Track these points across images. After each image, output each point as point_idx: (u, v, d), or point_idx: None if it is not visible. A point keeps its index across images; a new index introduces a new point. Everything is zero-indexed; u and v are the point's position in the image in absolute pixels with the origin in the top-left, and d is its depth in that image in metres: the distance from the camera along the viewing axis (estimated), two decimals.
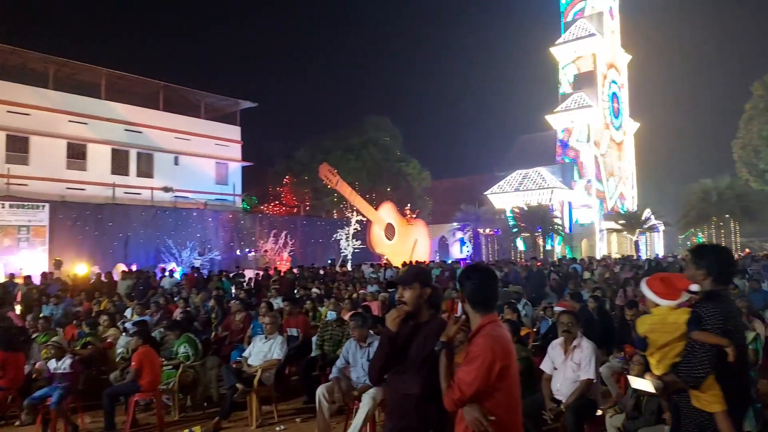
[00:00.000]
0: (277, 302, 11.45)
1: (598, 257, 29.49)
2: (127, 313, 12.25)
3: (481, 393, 2.76)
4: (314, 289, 14.66)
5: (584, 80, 39.48)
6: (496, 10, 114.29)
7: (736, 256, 28.13)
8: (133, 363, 7.33)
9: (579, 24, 40.08)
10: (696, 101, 79.99)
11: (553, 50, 40.78)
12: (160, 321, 11.05)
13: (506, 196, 39.06)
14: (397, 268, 21.96)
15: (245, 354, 7.95)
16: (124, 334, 9.52)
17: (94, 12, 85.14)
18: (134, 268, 23.37)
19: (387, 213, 31.93)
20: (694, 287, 3.52)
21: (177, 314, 11.15)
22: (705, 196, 34.94)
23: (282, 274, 20.22)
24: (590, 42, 39.07)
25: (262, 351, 7.73)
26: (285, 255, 29.80)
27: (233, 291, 16.69)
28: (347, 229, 32.32)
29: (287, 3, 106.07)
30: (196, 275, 19.45)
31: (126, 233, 25.87)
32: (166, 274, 19.51)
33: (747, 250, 33.41)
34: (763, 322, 8.45)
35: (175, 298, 14.34)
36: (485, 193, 40.15)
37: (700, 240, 39.88)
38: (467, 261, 31.10)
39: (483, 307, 2.94)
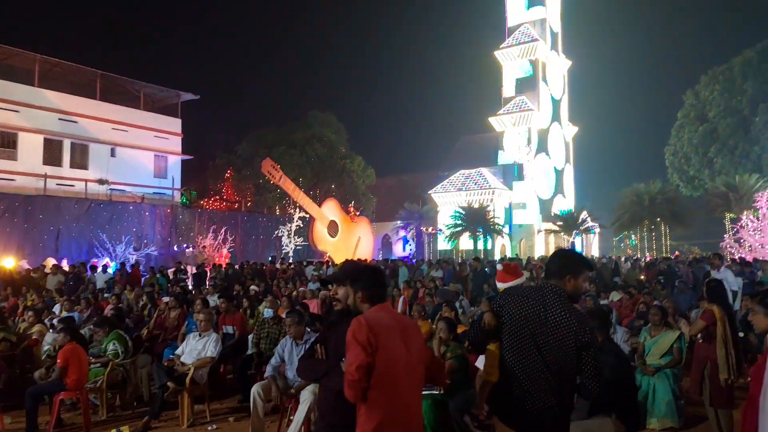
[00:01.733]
0: (214, 299, 11.22)
1: (536, 257, 30.18)
2: (56, 309, 11.81)
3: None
4: (252, 287, 14.45)
5: (526, 84, 40.33)
6: (442, 11, 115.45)
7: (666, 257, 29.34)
8: (58, 361, 7.04)
9: (522, 29, 40.91)
10: (632, 108, 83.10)
11: (496, 53, 41.50)
12: (89, 318, 10.71)
13: (449, 195, 39.54)
14: (337, 265, 21.92)
15: (178, 352, 7.76)
16: (51, 330, 9.17)
17: None
18: (65, 262, 22.59)
19: (330, 210, 31.81)
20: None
21: (108, 311, 10.81)
22: (638, 199, 36.15)
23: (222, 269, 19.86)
24: (532, 47, 39.93)
25: (195, 349, 7.56)
26: (224, 251, 29.27)
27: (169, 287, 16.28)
28: (289, 225, 32.02)
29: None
30: (130, 271, 18.89)
31: (57, 226, 24.92)
32: (99, 269, 18.86)
33: (677, 252, 34.82)
34: (689, 322, 8.81)
35: (107, 295, 13.91)
36: (429, 191, 40.54)
37: (633, 242, 41.38)
38: (410, 259, 31.31)
39: (371, 302, 3.17)
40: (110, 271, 19.88)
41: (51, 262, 21.67)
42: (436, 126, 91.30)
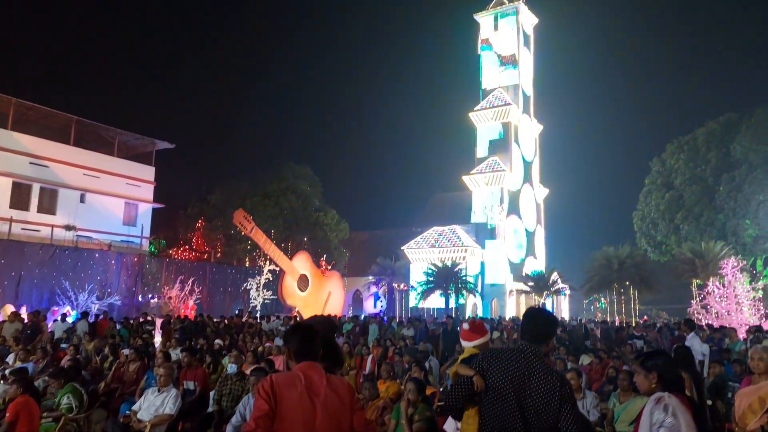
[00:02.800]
0: (176, 353, 10.86)
1: (508, 317, 30.12)
2: (9, 358, 11.31)
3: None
4: (217, 340, 14.06)
5: (499, 146, 41.20)
6: (420, 71, 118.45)
7: (634, 322, 29.55)
8: (8, 414, 6.66)
9: (496, 93, 42.10)
10: (601, 173, 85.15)
11: (471, 115, 42.49)
12: (45, 369, 10.27)
13: (422, 252, 39.58)
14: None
15: (135, 407, 7.44)
16: (2, 381, 8.75)
17: (12, 41, 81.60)
18: (24, 310, 21.86)
19: (301, 263, 31.49)
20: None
21: (65, 362, 10.38)
22: (607, 263, 36.53)
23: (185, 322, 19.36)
24: (505, 110, 41.02)
25: (153, 405, 7.25)
26: (190, 303, 28.64)
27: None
28: (258, 278, 31.56)
29: (211, 47, 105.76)
30: (98, 319, 18.30)
31: (19, 272, 24.24)
32: (58, 318, 18.25)
33: (645, 317, 35.09)
34: None
35: (64, 345, 13.42)
36: (402, 247, 40.54)
37: (603, 306, 41.62)
38: (381, 316, 30.96)
39: (299, 359, 3.30)
40: (69, 320, 19.25)
41: (9, 308, 20.95)
42: (411, 182, 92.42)
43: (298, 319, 22.92)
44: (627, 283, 36.22)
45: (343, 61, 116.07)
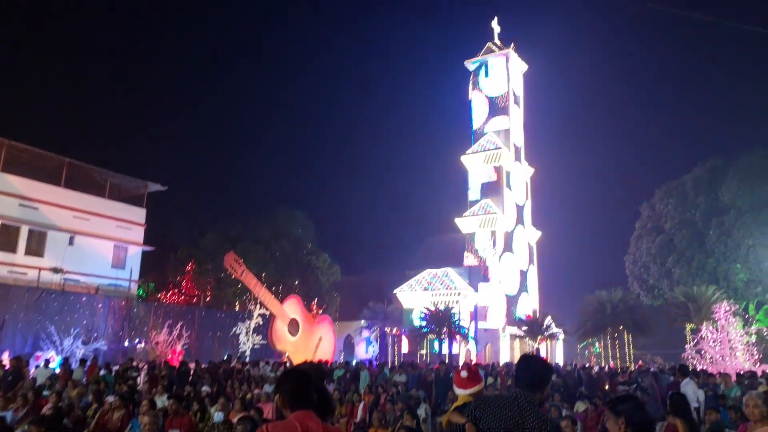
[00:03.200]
0: (163, 400, 10.55)
1: (502, 362, 29.73)
2: None
3: None
4: (204, 387, 13.72)
5: (491, 189, 41.46)
6: (412, 113, 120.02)
7: (631, 367, 29.24)
8: None
9: (487, 137, 42.59)
10: (593, 216, 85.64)
11: (463, 159, 42.87)
12: (25, 417, 9.93)
13: (415, 295, 39.28)
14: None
15: None
16: None
17: (5, 82, 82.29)
18: (7, 355, 21.38)
19: (292, 307, 31.09)
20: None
21: (46, 410, 10.05)
22: (600, 307, 36.38)
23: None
24: (496, 154, 41.41)
25: None
26: (178, 348, 28.09)
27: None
28: (248, 322, 31.09)
29: (205, 90, 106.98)
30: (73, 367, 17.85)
31: (3, 316, 23.76)
32: (41, 363, 17.81)
33: (640, 362, 34.74)
34: None
35: (46, 392, 13.03)
36: (394, 291, 40.24)
37: (597, 350, 41.26)
38: (373, 362, 30.48)
39: (293, 407, 3.19)
40: (53, 366, 18.79)
41: None
42: (404, 225, 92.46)
43: (288, 364, 22.49)
44: (621, 327, 36.00)
45: (336, 106, 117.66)
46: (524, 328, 36.72)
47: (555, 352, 41.17)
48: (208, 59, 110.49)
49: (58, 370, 17.99)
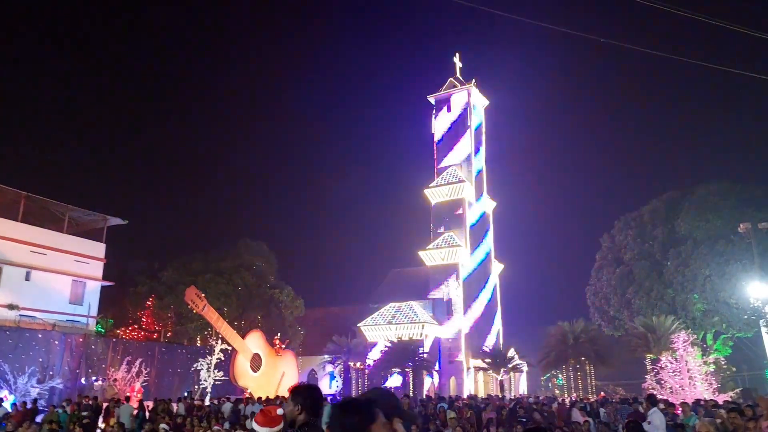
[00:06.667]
0: None
1: (465, 395, 29.70)
2: None
3: None
4: (162, 425, 13.44)
5: (454, 221, 41.88)
6: (375, 148, 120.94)
7: (591, 398, 29.48)
8: None
9: (450, 171, 43.18)
10: (554, 249, 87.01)
11: (426, 192, 43.29)
12: None
13: (379, 329, 39.13)
14: (260, 398, 20.82)
15: None
16: None
17: None
18: None
19: (254, 342, 30.71)
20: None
21: None
22: (562, 338, 36.66)
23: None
24: (459, 187, 41.97)
25: None
26: (137, 386, 27.37)
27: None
28: (209, 358, 30.53)
29: (165, 124, 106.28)
30: (29, 407, 17.35)
31: None
32: None
33: (602, 393, 35.00)
34: None
35: None
36: (358, 324, 40.03)
37: (560, 381, 41.52)
38: (336, 397, 30.16)
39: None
40: (6, 405, 18.19)
41: None
42: (367, 258, 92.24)
43: (250, 401, 22.10)
44: (583, 358, 36.29)
45: (299, 138, 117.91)
46: (488, 360, 36.78)
47: (519, 384, 41.28)
48: (168, 90, 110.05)
49: (10, 410, 17.44)
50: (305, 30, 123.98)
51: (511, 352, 37.61)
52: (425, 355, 35.62)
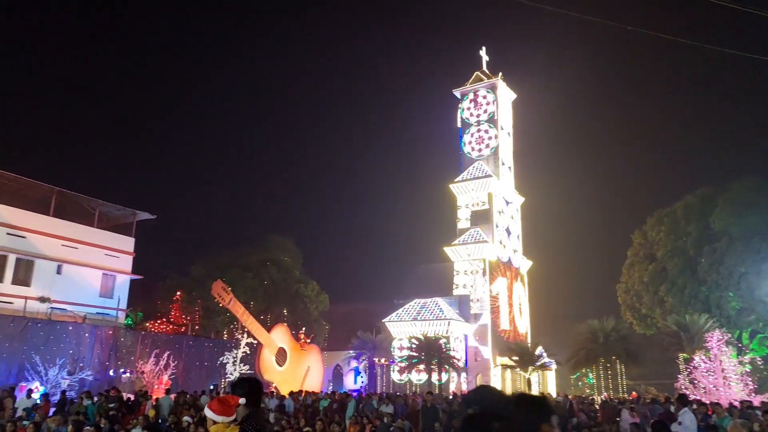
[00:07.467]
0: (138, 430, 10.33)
1: None
2: None
3: None
4: (185, 418, 13.46)
5: (480, 217, 41.35)
6: (401, 143, 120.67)
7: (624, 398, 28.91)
8: None
9: (476, 165, 42.63)
10: (584, 245, 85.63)
11: (452, 187, 42.81)
12: None
13: (404, 325, 38.93)
14: (283, 396, 20.83)
15: None
16: None
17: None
18: None
19: (280, 336, 30.79)
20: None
21: None
22: (592, 337, 36.08)
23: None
24: (486, 182, 41.41)
25: None
26: (165, 378, 27.67)
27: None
28: (236, 351, 30.71)
29: (194, 119, 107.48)
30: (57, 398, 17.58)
31: None
32: (23, 394, 17.52)
33: (634, 393, 34.33)
34: None
35: (25, 422, 12.78)
36: (383, 320, 39.90)
37: (591, 380, 40.87)
38: (361, 392, 30.09)
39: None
40: (36, 396, 18.47)
41: None
42: (393, 254, 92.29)
43: (275, 394, 22.12)
44: (613, 357, 35.66)
45: (324, 134, 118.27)
46: (515, 358, 36.34)
47: (547, 383, 40.74)
48: (197, 84, 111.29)
49: (39, 401, 17.69)
50: (330, 24, 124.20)
51: (539, 350, 37.10)
52: (451, 352, 35.31)
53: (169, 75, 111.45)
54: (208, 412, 4.58)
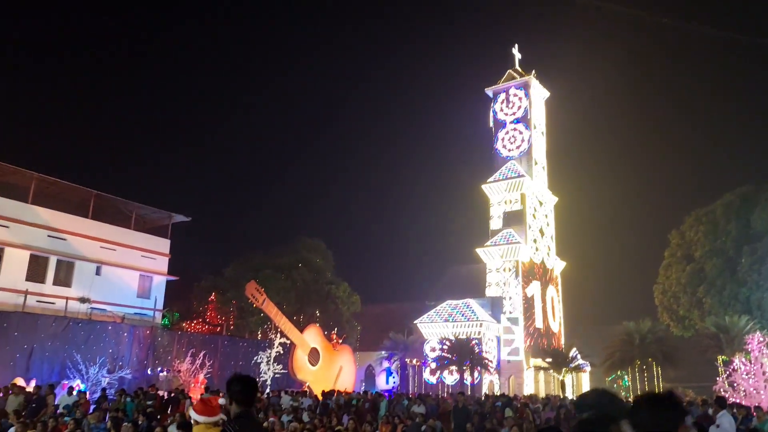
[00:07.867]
0: (173, 428, 10.56)
1: (525, 394, 29.15)
2: None
3: None
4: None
5: (513, 218, 40.95)
6: (432, 142, 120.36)
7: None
8: None
9: (509, 165, 42.25)
10: (619, 245, 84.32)
11: (484, 187, 42.50)
12: None
13: (436, 326, 38.86)
14: (316, 397, 21.02)
15: None
16: None
17: (34, 116, 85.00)
18: (33, 383, 21.72)
19: (312, 337, 31.06)
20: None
21: None
22: (628, 338, 35.53)
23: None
24: (519, 182, 41.01)
25: None
26: (201, 377, 28.17)
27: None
28: (269, 351, 31.08)
29: (229, 122, 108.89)
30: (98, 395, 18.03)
31: (32, 345, 24.21)
32: (64, 392, 18.04)
33: None
34: None
35: (66, 418, 13.17)
36: (415, 321, 39.87)
37: (626, 383, 40.24)
38: (393, 393, 30.16)
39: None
40: (76, 393, 19.00)
41: (19, 381, 20.82)
42: (425, 255, 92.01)
43: (308, 394, 22.34)
44: (650, 359, 35.05)
45: (356, 135, 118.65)
46: (548, 360, 35.95)
47: (582, 385, 40.22)
48: (232, 87, 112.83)
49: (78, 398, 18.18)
50: (362, 26, 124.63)
51: (573, 352, 36.65)
52: (484, 353, 35.13)
53: (206, 78, 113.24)
54: (191, 413, 4.61)
